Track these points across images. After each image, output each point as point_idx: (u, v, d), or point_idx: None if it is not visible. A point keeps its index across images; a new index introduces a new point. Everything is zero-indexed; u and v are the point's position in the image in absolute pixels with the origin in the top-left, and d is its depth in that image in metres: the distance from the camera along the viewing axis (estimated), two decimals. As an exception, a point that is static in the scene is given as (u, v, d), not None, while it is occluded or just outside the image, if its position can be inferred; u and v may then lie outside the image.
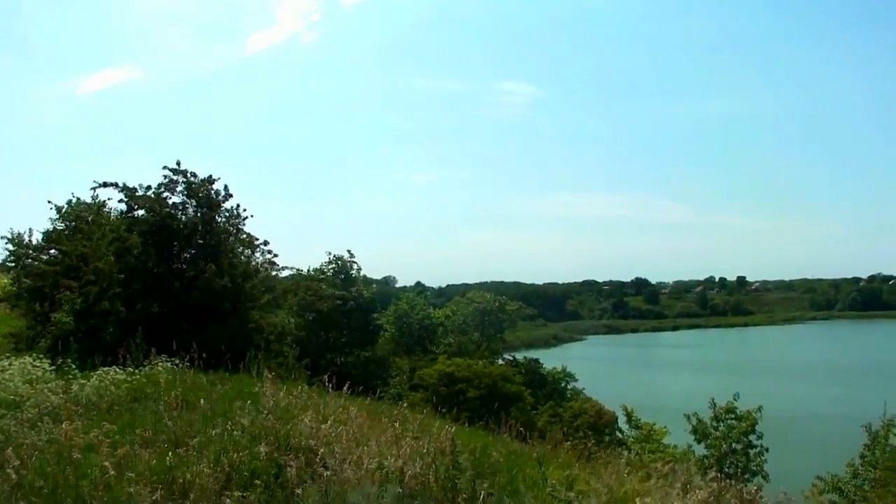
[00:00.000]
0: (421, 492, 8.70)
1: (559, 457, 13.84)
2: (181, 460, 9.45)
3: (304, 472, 9.05)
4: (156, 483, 8.72)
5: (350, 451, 9.63)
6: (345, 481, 8.62)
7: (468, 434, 15.34)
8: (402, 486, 8.64)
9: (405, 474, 8.94)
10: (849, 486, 16.56)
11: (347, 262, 42.30)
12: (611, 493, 9.15)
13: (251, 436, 10.23)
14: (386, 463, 9.26)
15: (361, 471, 8.90)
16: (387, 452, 9.75)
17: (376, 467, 9.08)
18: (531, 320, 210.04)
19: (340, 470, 8.95)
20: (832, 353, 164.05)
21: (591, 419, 44.71)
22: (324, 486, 8.47)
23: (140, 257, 27.13)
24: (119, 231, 27.65)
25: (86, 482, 8.57)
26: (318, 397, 13.66)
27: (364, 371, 37.71)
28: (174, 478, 8.88)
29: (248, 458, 9.31)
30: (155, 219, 27.45)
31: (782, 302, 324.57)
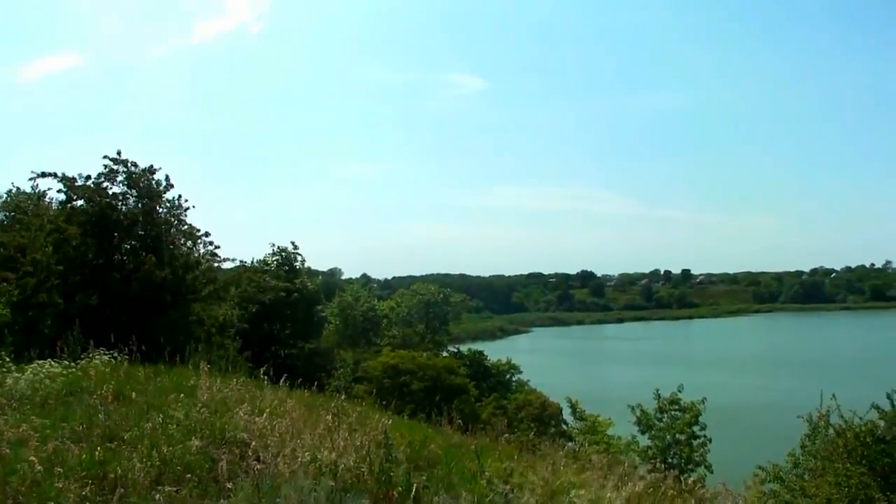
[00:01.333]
0: (355, 485, 8.64)
1: (499, 449, 13.82)
2: (113, 455, 9.28)
3: (237, 466, 8.96)
4: (86, 478, 8.54)
5: (284, 444, 9.55)
6: (278, 475, 8.55)
7: (409, 426, 15.27)
8: (336, 480, 8.57)
9: (339, 467, 8.89)
10: (790, 476, 16.70)
11: (291, 253, 42.00)
12: (546, 485, 9.14)
13: (185, 429, 10.11)
14: (320, 456, 9.19)
15: (295, 464, 8.82)
16: (321, 445, 9.69)
17: (310, 460, 9.01)
18: (477, 312, 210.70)
19: (274, 463, 8.87)
20: (775, 345, 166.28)
21: (535, 411, 44.82)
22: (256, 479, 8.38)
23: (79, 248, 26.73)
24: (58, 222, 27.17)
25: (14, 478, 8.40)
26: (255, 390, 13.56)
27: (308, 363, 37.46)
28: (105, 472, 8.70)
29: (181, 452, 9.19)
30: (94, 209, 27.04)
31: (727, 295, 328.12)
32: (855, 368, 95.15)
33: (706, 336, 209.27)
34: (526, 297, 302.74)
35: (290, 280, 40.09)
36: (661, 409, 26.20)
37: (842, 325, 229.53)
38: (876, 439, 14.17)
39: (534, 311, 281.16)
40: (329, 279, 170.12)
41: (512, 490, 9.00)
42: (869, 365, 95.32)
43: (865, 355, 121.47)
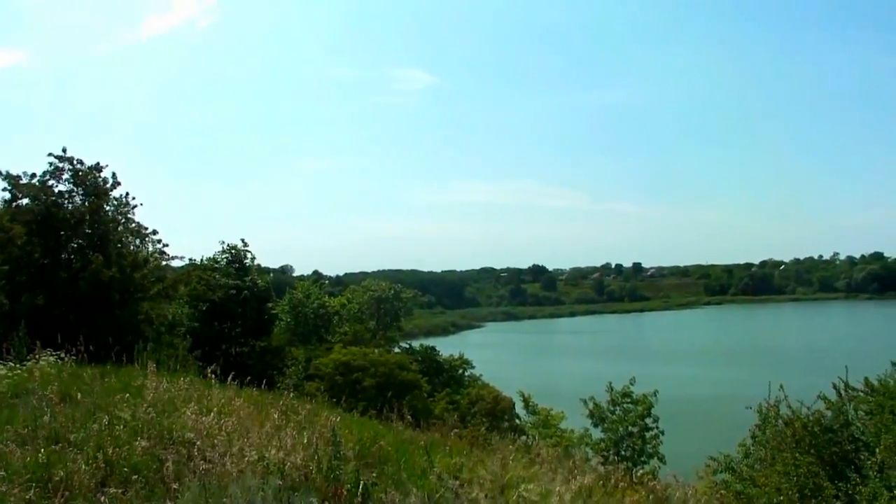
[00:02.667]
0: (303, 483, 8.57)
1: (450, 444, 13.81)
2: (58, 457, 9.12)
3: (184, 466, 8.85)
4: (30, 481, 8.38)
5: (232, 444, 9.45)
6: (225, 474, 8.46)
7: (359, 423, 15.19)
8: (284, 478, 8.50)
9: (287, 466, 8.82)
10: (741, 466, 16.83)
11: (241, 251, 41.59)
12: (496, 480, 9.13)
13: (132, 430, 9.98)
14: (267, 454, 9.11)
15: (243, 463, 8.74)
16: (269, 444, 9.61)
17: (257, 459, 8.92)
18: (429, 308, 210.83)
19: (221, 463, 8.77)
20: (725, 337, 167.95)
21: (488, 406, 44.90)
22: (203, 480, 8.29)
23: (24, 248, 26.31)
24: (2, 221, 26.73)
25: (-44, 483, 8.24)
26: (203, 389, 13.43)
27: (259, 361, 37.19)
28: (50, 475, 8.53)
29: (127, 454, 9.07)
30: (40, 208, 26.66)
31: (677, 287, 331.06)
32: (803, 359, 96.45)
33: (658, 329, 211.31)
34: (478, 292, 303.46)
35: (241, 278, 39.74)
36: (614, 401, 26.30)
37: (790, 316, 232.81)
38: (823, 429, 14.31)
39: (486, 305, 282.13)
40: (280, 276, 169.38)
41: (462, 485, 8.97)
42: (817, 355, 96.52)
43: (813, 346, 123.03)
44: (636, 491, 13.32)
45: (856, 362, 16.30)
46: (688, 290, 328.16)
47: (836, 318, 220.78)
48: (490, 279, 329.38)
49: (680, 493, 14.45)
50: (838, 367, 16.28)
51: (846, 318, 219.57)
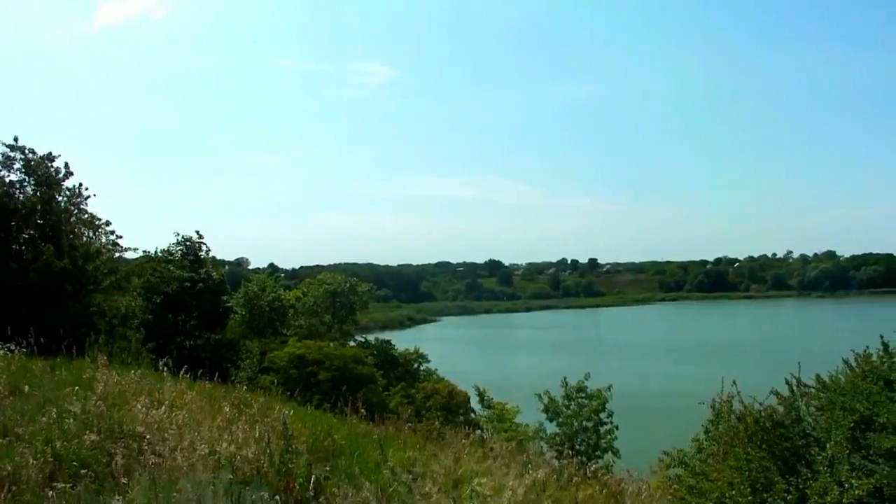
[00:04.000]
0: (255, 477, 8.49)
1: (404, 438, 13.76)
2: (6, 451, 8.96)
3: (133, 460, 8.73)
4: (-25, 475, 8.26)
5: (183, 437, 9.33)
6: (175, 468, 8.35)
7: (313, 417, 15.10)
8: (235, 473, 8.41)
9: (238, 460, 8.73)
10: (694, 461, 16.93)
11: (196, 243, 41.18)
12: (449, 474, 9.09)
13: (82, 423, 9.82)
14: (219, 448, 9.01)
15: (193, 457, 8.63)
16: (220, 438, 9.50)
17: (208, 453, 8.82)
18: (385, 301, 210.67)
19: (171, 457, 8.66)
20: (680, 333, 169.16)
21: (443, 400, 44.81)
22: (153, 474, 8.17)
23: (-27, 238, 26.00)
24: (-50, 211, 26.41)
25: None
26: (155, 382, 13.28)
27: (214, 354, 36.89)
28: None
29: (76, 447, 8.92)
30: (-10, 197, 26.32)
31: (633, 283, 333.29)
32: (756, 355, 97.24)
33: (613, 324, 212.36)
34: (434, 287, 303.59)
35: (195, 270, 39.37)
36: (569, 396, 26.44)
37: (744, 312, 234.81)
38: (775, 424, 14.40)
39: (442, 300, 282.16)
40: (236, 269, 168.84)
41: (415, 479, 8.93)
42: (770, 352, 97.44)
43: (766, 342, 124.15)
44: (590, 485, 13.34)
45: (808, 359, 16.43)
46: (643, 286, 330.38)
47: (789, 315, 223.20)
48: (446, 273, 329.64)
49: (633, 488, 14.49)
50: (791, 363, 16.40)
51: (799, 315, 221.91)
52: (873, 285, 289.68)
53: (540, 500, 10.17)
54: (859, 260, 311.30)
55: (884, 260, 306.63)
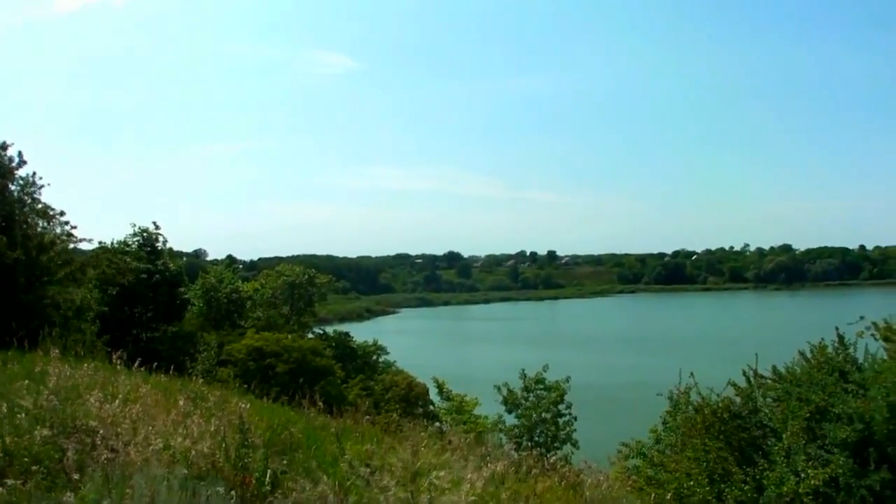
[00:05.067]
0: (210, 472, 8.38)
1: (361, 431, 13.68)
2: (-45, 447, 8.81)
3: (86, 456, 8.57)
4: (-77, 473, 8.08)
5: (137, 432, 9.18)
6: (129, 464, 8.21)
7: (271, 410, 14.99)
8: (190, 467, 8.29)
9: (193, 454, 8.61)
10: (652, 451, 17.05)
11: (153, 234, 40.80)
12: (407, 467, 9.02)
13: (33, 418, 9.64)
14: (173, 443, 8.89)
15: (147, 452, 8.48)
16: (175, 432, 9.37)
17: (163, 448, 8.68)
18: (343, 293, 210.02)
19: (125, 452, 8.52)
20: (638, 325, 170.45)
21: (402, 392, 44.83)
22: (106, 469, 8.03)
23: (-77, 228, 25.55)
24: None
25: None
26: (109, 375, 13.09)
27: (171, 347, 36.63)
28: (-54, 466, 8.26)
29: (27, 443, 8.75)
30: (-60, 187, 25.90)
31: (591, 276, 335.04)
32: (713, 347, 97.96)
33: (571, 316, 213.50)
34: (393, 278, 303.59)
35: (152, 261, 39.03)
36: (527, 388, 26.50)
37: (701, 305, 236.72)
38: (732, 415, 14.53)
39: (401, 292, 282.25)
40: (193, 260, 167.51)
41: (373, 473, 8.86)
42: (726, 343, 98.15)
43: (723, 334, 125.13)
44: (549, 477, 13.32)
45: (764, 351, 16.58)
46: (602, 278, 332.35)
47: (746, 307, 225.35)
48: (405, 265, 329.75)
49: (592, 479, 14.49)
50: (748, 355, 16.53)
51: (755, 307, 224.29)
52: (828, 278, 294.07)
53: (498, 492, 10.13)
54: (814, 253, 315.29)
55: (838, 253, 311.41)
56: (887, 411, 12.79)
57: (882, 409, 12.80)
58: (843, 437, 12.76)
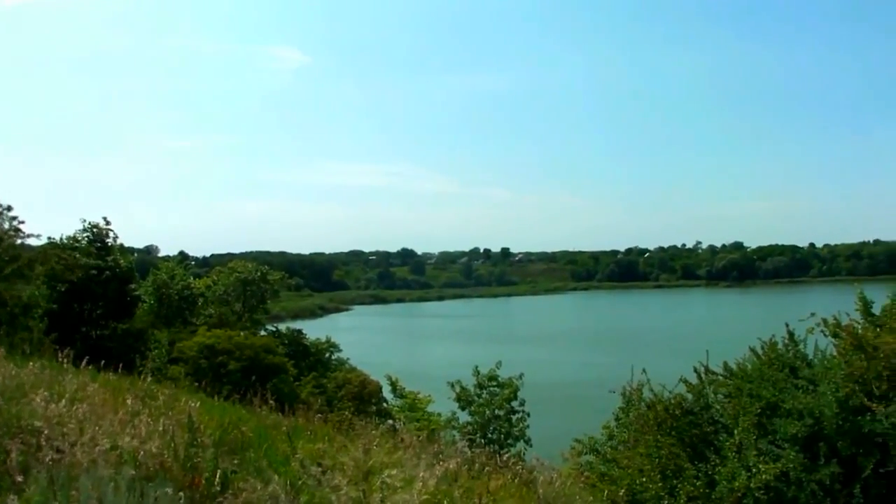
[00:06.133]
0: (159, 473, 8.24)
1: (313, 429, 13.58)
2: None
3: (31, 457, 8.40)
4: None
5: (83, 432, 9.01)
6: (75, 465, 8.05)
7: (222, 408, 14.83)
8: (138, 468, 8.15)
9: (141, 455, 8.47)
10: (605, 447, 17.10)
11: (104, 229, 40.40)
12: (359, 466, 8.95)
13: (-22, 419, 9.46)
14: (121, 443, 8.74)
15: (94, 452, 8.33)
16: (123, 432, 9.21)
17: (110, 448, 8.53)
18: (297, 290, 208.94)
19: (70, 453, 8.36)
20: (591, 322, 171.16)
21: (355, 390, 44.73)
22: (51, 471, 7.88)
23: None
24: None
25: None
26: (56, 373, 12.88)
27: (121, 344, 36.27)
28: None
29: (-29, 444, 8.59)
30: None
31: (545, 273, 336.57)
32: (666, 344, 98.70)
33: (525, 313, 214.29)
34: (346, 275, 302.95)
35: (102, 258, 38.66)
36: (481, 385, 26.54)
37: (654, 301, 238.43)
38: (684, 411, 14.60)
39: (354, 288, 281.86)
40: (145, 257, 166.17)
41: (324, 472, 8.78)
42: (679, 339, 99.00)
43: (676, 331, 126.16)
44: (502, 474, 13.30)
45: (716, 347, 16.65)
46: (555, 275, 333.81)
47: (698, 304, 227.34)
48: (359, 262, 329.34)
49: (545, 476, 14.50)
50: (699, 351, 16.62)
51: (707, 304, 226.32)
52: (778, 275, 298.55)
53: (451, 490, 10.08)
54: (765, 251, 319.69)
55: (788, 251, 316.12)
56: (836, 406, 12.90)
57: (831, 405, 12.91)
58: (793, 433, 12.86)
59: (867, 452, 12.62)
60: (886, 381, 13.37)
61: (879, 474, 12.47)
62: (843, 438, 12.82)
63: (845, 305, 15.44)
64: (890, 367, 13.38)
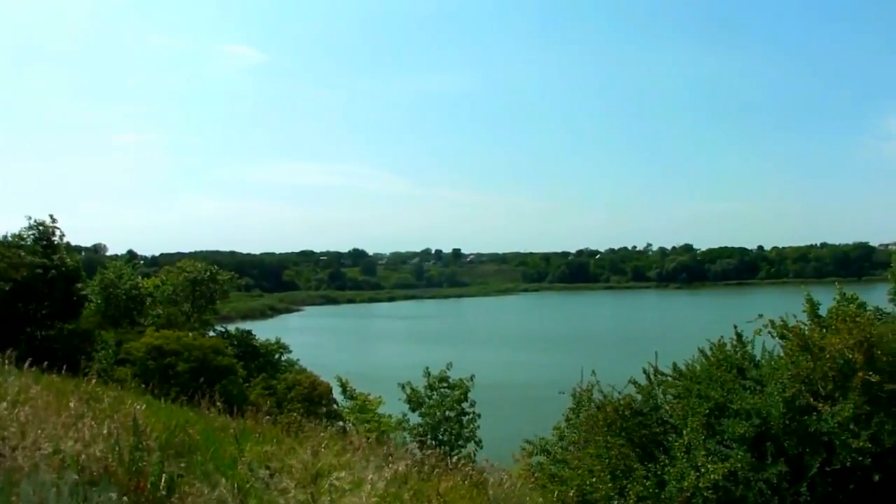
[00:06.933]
0: (103, 477, 8.10)
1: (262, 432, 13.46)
2: None
3: (-30, 461, 8.23)
4: None
5: (25, 436, 8.84)
6: (16, 469, 7.89)
7: (169, 410, 14.66)
8: (81, 472, 8.01)
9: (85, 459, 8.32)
10: (556, 448, 17.15)
11: (50, 227, 39.81)
12: (307, 468, 8.88)
13: (-84, 422, 9.26)
14: (64, 447, 8.58)
15: (36, 456, 8.17)
16: (66, 435, 9.05)
17: (53, 452, 8.38)
18: (247, 291, 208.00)
19: (11, 457, 8.19)
20: (542, 323, 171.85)
21: (305, 391, 44.48)
22: (-9, 475, 7.72)
23: None
24: None
25: None
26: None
27: (67, 345, 35.78)
28: None
29: None
30: None
31: (496, 274, 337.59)
32: (616, 345, 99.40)
33: (476, 314, 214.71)
34: (297, 276, 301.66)
35: (48, 256, 38.10)
36: (431, 386, 26.48)
37: (604, 303, 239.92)
38: (634, 412, 14.66)
39: (305, 289, 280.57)
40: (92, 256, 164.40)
41: (272, 475, 8.69)
42: (629, 341, 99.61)
43: (626, 332, 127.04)
44: (452, 476, 13.29)
45: (665, 348, 16.74)
46: (506, 276, 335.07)
47: (648, 305, 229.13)
48: (309, 262, 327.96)
49: (495, 478, 14.52)
50: (648, 352, 16.71)
51: (657, 306, 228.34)
52: (727, 277, 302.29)
53: (401, 492, 10.03)
54: (715, 253, 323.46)
55: (737, 253, 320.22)
56: (783, 406, 13.02)
57: (778, 405, 13.04)
58: (741, 433, 12.96)
59: (813, 451, 12.76)
60: (832, 382, 13.54)
61: (825, 473, 12.62)
62: (789, 438, 12.95)
63: (792, 307, 15.60)
64: (835, 367, 13.55)
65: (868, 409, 13.05)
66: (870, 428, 12.78)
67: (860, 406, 12.95)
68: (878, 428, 12.79)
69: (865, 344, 13.60)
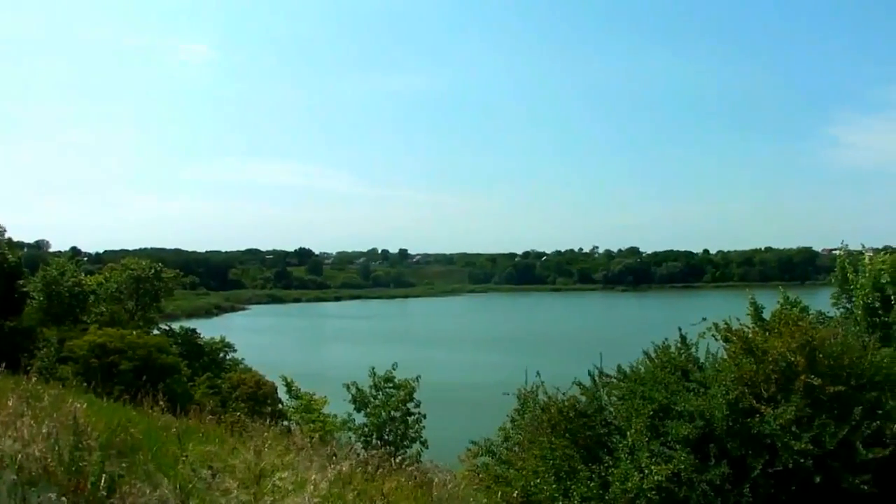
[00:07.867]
0: (42, 477, 8.00)
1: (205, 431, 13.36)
2: None
3: None
4: None
5: (-38, 435, 8.74)
6: (-48, 469, 7.78)
7: (111, 409, 14.50)
8: (20, 472, 7.90)
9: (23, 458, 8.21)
10: (501, 449, 17.15)
11: (-10, 223, 39.31)
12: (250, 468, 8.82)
13: None
14: (2, 446, 8.47)
15: (-27, 457, 8.07)
16: (4, 434, 8.93)
17: (-10, 452, 8.28)
18: (192, 289, 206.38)
19: (-52, 457, 8.08)
20: (488, 324, 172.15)
21: (249, 390, 44.27)
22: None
23: None
24: None
25: None
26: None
27: (8, 343, 35.28)
28: None
29: None
30: None
31: (442, 275, 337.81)
32: (561, 346, 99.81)
33: (422, 315, 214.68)
34: (243, 274, 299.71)
35: (-12, 252, 37.62)
36: (376, 386, 26.43)
37: (550, 305, 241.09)
38: (578, 413, 14.72)
39: (251, 288, 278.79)
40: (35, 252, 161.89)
41: (214, 475, 8.62)
42: (574, 342, 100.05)
43: (571, 334, 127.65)
44: (397, 476, 13.29)
45: (610, 350, 16.86)
46: (453, 277, 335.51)
47: (593, 307, 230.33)
48: (255, 261, 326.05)
49: (440, 478, 14.53)
50: (594, 354, 16.80)
51: (602, 308, 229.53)
52: (673, 280, 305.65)
53: (344, 493, 9.98)
54: (660, 256, 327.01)
55: (682, 256, 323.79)
56: (727, 409, 13.17)
57: (722, 407, 13.17)
58: (684, 434, 13.06)
59: (756, 453, 12.91)
60: (775, 384, 13.72)
61: (768, 474, 12.77)
62: (732, 439, 13.09)
63: (737, 310, 15.79)
64: (778, 370, 13.73)
65: (810, 412, 13.24)
66: (811, 430, 12.96)
67: (802, 409, 13.14)
68: (819, 430, 12.97)
69: (808, 347, 13.80)
